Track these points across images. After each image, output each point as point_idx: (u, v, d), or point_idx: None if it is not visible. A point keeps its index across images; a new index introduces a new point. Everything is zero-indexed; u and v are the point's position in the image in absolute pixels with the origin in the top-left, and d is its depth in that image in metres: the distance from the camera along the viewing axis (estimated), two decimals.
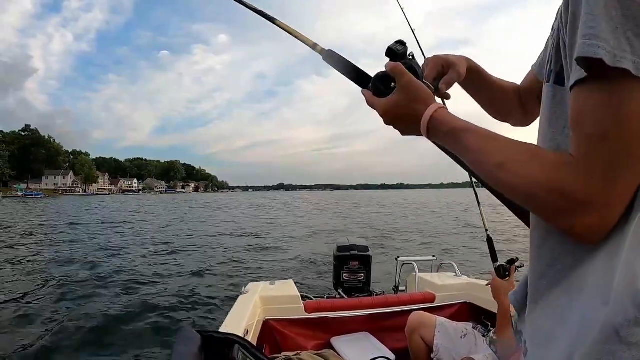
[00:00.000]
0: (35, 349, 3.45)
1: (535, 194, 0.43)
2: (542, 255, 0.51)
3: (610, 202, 0.40)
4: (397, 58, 0.62)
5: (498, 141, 0.49)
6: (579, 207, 0.41)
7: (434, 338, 1.67)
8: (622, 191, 0.40)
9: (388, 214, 23.27)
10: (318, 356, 1.51)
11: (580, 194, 0.40)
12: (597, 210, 0.40)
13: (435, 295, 2.26)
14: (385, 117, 0.61)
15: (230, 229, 14.72)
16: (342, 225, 15.89)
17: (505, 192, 0.47)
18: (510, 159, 0.46)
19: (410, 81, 0.58)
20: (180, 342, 0.92)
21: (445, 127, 0.54)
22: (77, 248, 9.51)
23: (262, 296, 2.08)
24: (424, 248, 9.40)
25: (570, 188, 0.40)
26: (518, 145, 0.47)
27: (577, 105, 0.42)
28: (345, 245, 3.02)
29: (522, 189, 0.45)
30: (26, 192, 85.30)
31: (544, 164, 0.43)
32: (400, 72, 0.58)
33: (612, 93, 0.39)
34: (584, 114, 0.41)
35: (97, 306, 4.68)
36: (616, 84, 0.39)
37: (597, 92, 0.40)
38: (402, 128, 0.61)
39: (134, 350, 3.47)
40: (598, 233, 0.42)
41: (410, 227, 14.63)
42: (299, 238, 11.64)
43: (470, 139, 0.51)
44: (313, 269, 6.88)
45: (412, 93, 0.58)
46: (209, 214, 24.95)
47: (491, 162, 0.48)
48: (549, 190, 0.42)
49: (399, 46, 0.62)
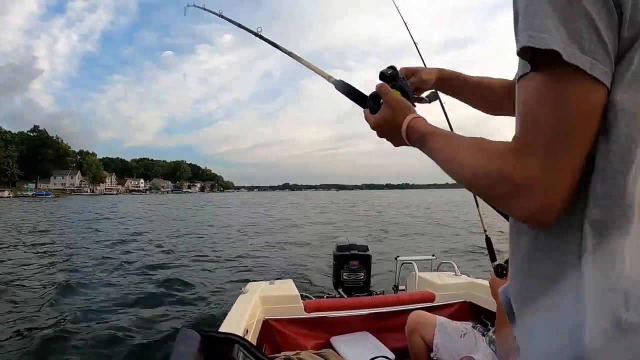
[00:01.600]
0: (34, 348, 3.45)
1: (480, 180, 0.47)
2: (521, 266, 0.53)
3: (548, 183, 0.42)
4: (387, 80, 0.73)
5: (453, 139, 0.55)
6: (518, 189, 0.43)
7: (434, 337, 1.67)
8: (559, 174, 0.42)
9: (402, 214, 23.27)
10: (318, 356, 1.51)
11: (518, 177, 0.43)
12: (536, 192, 0.42)
13: (434, 295, 2.26)
14: (376, 129, 0.70)
15: (231, 229, 14.74)
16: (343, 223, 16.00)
17: (459, 182, 0.52)
18: (459, 152, 0.51)
19: (392, 97, 0.67)
20: (180, 341, 0.92)
21: (417, 133, 0.62)
22: (84, 245, 9.51)
23: (261, 296, 2.08)
24: (424, 248, 9.41)
25: (509, 172, 0.43)
26: (468, 140, 0.52)
27: (519, 95, 0.45)
28: (345, 244, 3.01)
29: (468, 177, 0.49)
30: (36, 192, 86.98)
31: (487, 154, 0.47)
32: (384, 90, 0.69)
33: (547, 80, 0.42)
34: (523, 102, 0.44)
35: (97, 306, 4.68)
36: (550, 72, 0.41)
37: (534, 80, 0.43)
38: (391, 139, 0.69)
39: (133, 349, 3.46)
40: (542, 216, 0.43)
41: (410, 225, 14.71)
42: (300, 238, 11.64)
43: (433, 141, 0.58)
44: (313, 269, 6.88)
45: (394, 107, 0.66)
46: (214, 212, 25.06)
47: (447, 158, 0.54)
48: (490, 176, 0.45)
49: (389, 70, 0.74)
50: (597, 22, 0.40)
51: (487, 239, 1.69)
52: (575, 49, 0.39)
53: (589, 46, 0.40)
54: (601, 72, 0.40)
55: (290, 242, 10.64)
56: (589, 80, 0.40)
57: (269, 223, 17.08)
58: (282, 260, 7.84)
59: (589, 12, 0.40)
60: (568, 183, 0.42)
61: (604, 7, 0.40)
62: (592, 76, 0.40)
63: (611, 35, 0.40)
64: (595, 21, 0.40)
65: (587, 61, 0.39)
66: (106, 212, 25.78)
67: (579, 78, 0.40)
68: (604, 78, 0.40)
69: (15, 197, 73.34)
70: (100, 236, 12.09)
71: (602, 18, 0.40)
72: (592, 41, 0.40)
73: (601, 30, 0.40)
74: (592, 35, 0.40)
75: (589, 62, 0.39)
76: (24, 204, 42.88)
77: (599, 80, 0.40)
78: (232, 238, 11.82)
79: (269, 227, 15.07)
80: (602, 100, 0.41)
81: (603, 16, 0.40)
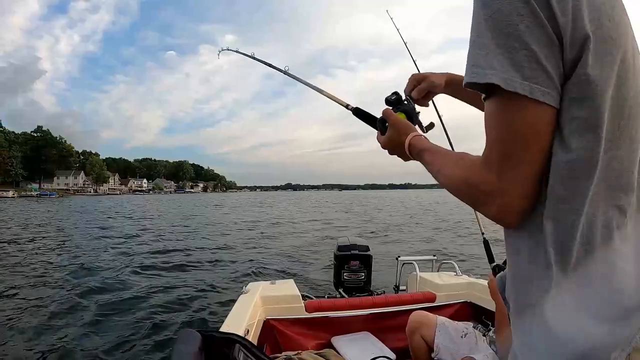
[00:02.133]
0: (33, 347, 3.46)
1: (458, 189, 0.57)
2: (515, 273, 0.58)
3: (504, 191, 0.49)
4: (391, 104, 0.84)
5: (441, 154, 0.65)
6: (484, 196, 0.52)
7: (435, 337, 1.67)
8: (514, 181, 0.49)
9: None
10: (319, 356, 1.52)
11: (484, 185, 0.51)
12: (496, 198, 0.50)
13: (435, 295, 2.25)
14: (386, 148, 0.80)
15: (233, 229, 14.76)
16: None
17: (447, 190, 0.61)
18: (444, 165, 0.62)
19: (395, 120, 0.78)
20: (181, 341, 0.92)
21: (416, 149, 0.72)
22: (86, 245, 9.54)
23: (262, 296, 2.08)
24: (425, 247, 9.40)
25: (476, 181, 0.52)
26: (452, 155, 0.62)
27: (484, 115, 0.52)
28: (346, 244, 3.02)
29: (452, 186, 0.58)
30: (41, 192, 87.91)
31: (464, 166, 0.56)
32: (388, 115, 0.80)
33: (497, 105, 0.49)
34: (485, 122, 0.52)
35: (98, 305, 4.68)
36: (499, 98, 0.48)
37: (489, 105, 0.51)
38: (399, 155, 0.78)
39: (134, 349, 3.47)
40: (504, 217, 0.52)
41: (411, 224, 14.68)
42: (301, 237, 11.64)
43: (426, 156, 0.68)
44: (313, 269, 6.89)
45: (398, 128, 0.77)
46: (216, 212, 25.12)
47: (435, 170, 0.65)
48: (464, 185, 0.55)
49: (392, 96, 0.85)
50: (537, 52, 0.46)
51: (484, 241, 1.74)
52: (518, 78, 0.46)
53: (530, 73, 0.46)
54: (542, 93, 0.46)
55: (291, 242, 10.64)
56: (530, 102, 0.46)
57: (270, 222, 17.09)
58: (283, 260, 7.84)
59: (528, 43, 0.46)
60: (523, 190, 0.49)
61: (543, 36, 0.46)
62: (533, 99, 0.46)
63: (552, 59, 0.46)
64: (535, 51, 0.46)
65: (526, 86, 0.46)
66: (115, 210, 26.22)
67: (521, 101, 0.47)
68: (545, 98, 0.46)
69: (19, 197, 74.11)
70: (106, 235, 12.13)
71: (542, 46, 0.46)
72: (532, 68, 0.46)
73: (541, 58, 0.46)
74: (532, 64, 0.46)
75: (529, 87, 0.46)
76: (31, 203, 43.27)
77: (540, 100, 0.46)
78: (233, 238, 11.82)
79: (270, 228, 15.08)
80: (547, 117, 0.48)
81: (543, 44, 0.46)
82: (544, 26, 0.46)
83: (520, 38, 0.46)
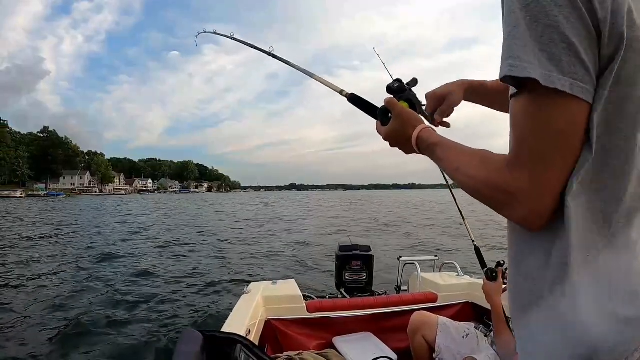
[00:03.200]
0: (33, 347, 3.47)
1: (480, 190, 0.53)
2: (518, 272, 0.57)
3: (535, 194, 0.47)
4: (394, 93, 0.78)
5: (458, 150, 0.60)
6: (511, 199, 0.48)
7: (436, 338, 1.67)
8: (545, 184, 0.46)
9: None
10: (320, 356, 1.52)
11: (511, 188, 0.48)
12: (525, 201, 0.47)
13: (437, 295, 2.25)
14: (388, 140, 0.75)
15: (234, 228, 14.77)
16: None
17: (464, 190, 0.57)
18: (463, 164, 0.57)
19: (400, 110, 0.72)
20: (182, 341, 0.92)
21: (425, 143, 0.67)
22: (89, 244, 9.57)
23: (264, 296, 2.09)
24: (425, 247, 9.38)
25: (504, 183, 0.48)
26: (472, 152, 0.57)
27: (511, 113, 0.50)
28: (347, 245, 3.01)
29: (471, 187, 0.54)
30: (48, 192, 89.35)
31: (487, 166, 0.52)
32: (392, 104, 0.73)
33: (532, 101, 0.46)
34: (513, 120, 0.49)
35: (99, 305, 4.70)
36: (534, 94, 0.45)
37: (521, 101, 0.47)
38: (403, 148, 0.74)
39: (136, 349, 3.48)
40: (532, 221, 0.49)
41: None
42: (301, 237, 11.64)
43: (439, 151, 0.63)
44: (315, 269, 6.88)
45: (403, 120, 0.71)
46: (218, 212, 25.13)
47: (451, 167, 0.59)
48: (489, 186, 0.51)
49: (395, 83, 0.79)
50: (577, 45, 0.43)
51: (475, 248, 1.77)
52: (556, 72, 0.43)
53: (569, 67, 0.43)
54: (582, 90, 0.44)
55: (291, 241, 10.65)
56: (569, 99, 0.44)
57: (272, 223, 17.10)
58: (284, 261, 7.84)
59: (568, 36, 0.43)
60: (554, 193, 0.47)
61: (583, 28, 0.43)
62: (572, 95, 0.43)
63: (591, 54, 0.44)
64: (575, 45, 0.43)
65: (567, 82, 0.43)
66: (128, 209, 26.44)
67: (560, 98, 0.44)
68: (584, 95, 0.44)
69: (27, 196, 74.92)
70: (114, 234, 12.17)
71: (582, 40, 0.43)
72: (571, 63, 0.43)
73: (580, 52, 0.43)
74: (572, 58, 0.43)
75: (569, 82, 0.43)
76: (42, 203, 43.61)
77: (579, 97, 0.44)
78: (235, 238, 11.83)
79: (271, 227, 15.08)
80: (584, 116, 0.45)
81: (583, 37, 0.43)
82: (584, 18, 0.43)
83: (559, 30, 0.43)
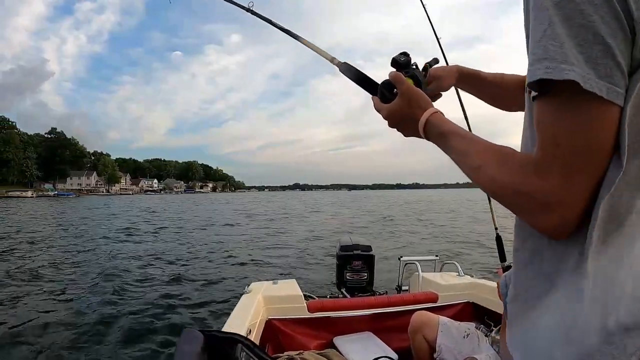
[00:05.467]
0: (33, 347, 3.48)
1: (505, 195, 0.49)
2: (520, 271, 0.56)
3: (566, 201, 0.44)
4: (400, 67, 0.70)
5: (478, 145, 0.55)
6: (539, 206, 0.45)
7: (437, 338, 1.67)
8: (577, 192, 0.44)
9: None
10: (321, 356, 1.52)
11: (539, 194, 0.45)
12: (555, 209, 0.45)
13: (438, 295, 2.25)
14: (389, 120, 0.69)
15: (235, 228, 14.79)
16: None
17: (481, 188, 0.54)
18: (486, 162, 0.52)
19: (408, 88, 0.66)
20: (183, 341, 0.92)
21: (437, 129, 0.62)
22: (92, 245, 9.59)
23: (264, 295, 2.09)
24: (426, 247, 9.38)
25: (531, 188, 0.45)
26: (494, 148, 0.53)
27: (537, 114, 0.47)
28: (348, 244, 3.01)
29: (495, 190, 0.51)
30: (58, 192, 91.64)
31: (512, 168, 0.48)
32: (400, 80, 0.67)
33: (565, 105, 0.43)
34: (542, 122, 0.46)
35: (100, 305, 4.71)
36: (567, 97, 0.43)
37: (550, 104, 0.45)
38: (404, 130, 0.69)
39: (136, 349, 3.48)
40: (561, 229, 0.46)
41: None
42: (302, 237, 11.64)
43: (455, 141, 0.58)
44: (316, 269, 6.89)
45: (411, 99, 0.65)
46: (221, 213, 25.33)
47: (471, 165, 0.55)
48: (514, 191, 0.48)
49: (402, 57, 0.71)
50: (613, 46, 0.41)
51: (497, 237, 1.64)
52: (593, 76, 0.41)
53: (605, 70, 0.41)
54: (617, 94, 0.41)
55: (292, 242, 10.65)
56: (605, 104, 0.42)
57: (274, 223, 17.11)
58: (285, 260, 7.85)
59: (604, 37, 0.41)
60: (584, 200, 0.44)
61: (620, 29, 0.41)
62: (608, 100, 0.41)
63: (627, 57, 0.42)
64: (611, 46, 0.41)
65: (603, 87, 0.41)
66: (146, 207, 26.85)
67: (595, 103, 0.42)
68: (619, 100, 0.42)
69: (38, 197, 76.38)
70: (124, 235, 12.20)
71: (618, 40, 0.41)
72: (608, 65, 0.41)
73: (617, 54, 0.41)
74: (608, 60, 0.41)
75: (605, 87, 0.41)
76: (56, 202, 44.23)
77: (614, 102, 0.42)
78: (236, 238, 11.85)
79: (272, 227, 15.09)
80: (617, 119, 0.42)
81: (619, 38, 0.41)
82: (620, 18, 0.41)
83: (594, 30, 0.41)
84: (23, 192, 79.25)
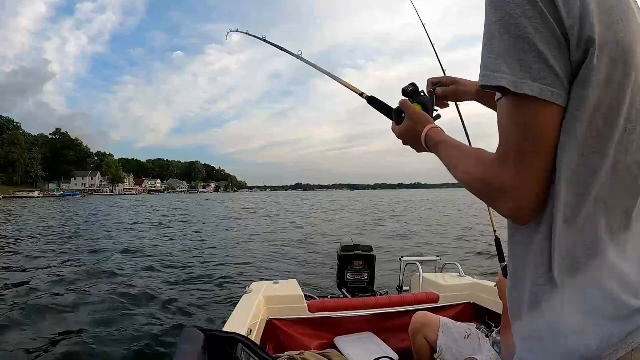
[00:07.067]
0: (33, 346, 3.49)
1: (475, 185, 0.58)
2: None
3: (518, 188, 0.51)
4: (408, 95, 0.85)
5: (458, 149, 0.66)
6: (499, 194, 0.53)
7: (438, 338, 1.67)
8: (528, 179, 0.50)
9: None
10: (322, 356, 1.52)
11: (499, 183, 0.53)
12: (511, 196, 0.52)
13: (439, 296, 2.25)
14: (401, 138, 0.82)
15: (236, 228, 14.81)
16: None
17: (463, 185, 0.62)
18: (461, 161, 0.63)
19: (413, 112, 0.79)
20: (184, 340, 0.93)
21: (433, 141, 0.73)
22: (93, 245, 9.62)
23: (265, 296, 2.09)
24: (427, 247, 9.37)
25: (493, 179, 0.53)
26: (469, 150, 0.63)
27: (497, 115, 0.54)
28: (349, 244, 3.01)
29: (468, 182, 0.59)
30: (64, 192, 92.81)
31: (480, 163, 0.57)
32: (406, 106, 0.81)
33: (509, 106, 0.50)
34: (499, 122, 0.53)
35: (100, 304, 4.71)
36: (510, 99, 0.50)
37: (502, 106, 0.52)
38: (413, 146, 0.80)
39: (137, 348, 3.49)
40: (518, 214, 0.53)
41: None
42: (303, 238, 11.64)
43: (443, 149, 0.69)
44: (317, 269, 6.88)
45: (416, 120, 0.78)
46: (222, 212, 25.37)
47: (451, 164, 0.66)
48: (482, 182, 0.56)
49: (410, 87, 0.86)
50: (546, 53, 0.47)
51: (496, 240, 1.69)
52: (527, 79, 0.47)
53: (539, 74, 0.47)
54: (551, 94, 0.48)
55: (293, 241, 10.65)
56: (540, 103, 0.48)
57: (274, 223, 17.13)
58: (286, 260, 7.85)
59: (538, 45, 0.47)
60: (536, 187, 0.51)
61: (552, 37, 0.47)
62: (542, 99, 0.47)
63: (561, 60, 0.48)
64: (544, 53, 0.47)
65: (536, 88, 0.47)
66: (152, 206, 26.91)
67: (532, 102, 0.48)
68: (554, 98, 0.48)
69: (45, 197, 77.17)
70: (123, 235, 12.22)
71: (552, 48, 0.47)
72: (541, 70, 0.47)
73: (549, 59, 0.47)
74: (542, 65, 0.47)
75: (539, 88, 0.47)
76: (65, 203, 44.61)
77: (549, 100, 0.48)
78: (236, 238, 11.86)
79: (273, 227, 15.10)
80: (556, 117, 0.49)
81: (552, 46, 0.47)
82: (552, 28, 0.47)
83: (529, 40, 0.47)
84: (30, 192, 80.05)
